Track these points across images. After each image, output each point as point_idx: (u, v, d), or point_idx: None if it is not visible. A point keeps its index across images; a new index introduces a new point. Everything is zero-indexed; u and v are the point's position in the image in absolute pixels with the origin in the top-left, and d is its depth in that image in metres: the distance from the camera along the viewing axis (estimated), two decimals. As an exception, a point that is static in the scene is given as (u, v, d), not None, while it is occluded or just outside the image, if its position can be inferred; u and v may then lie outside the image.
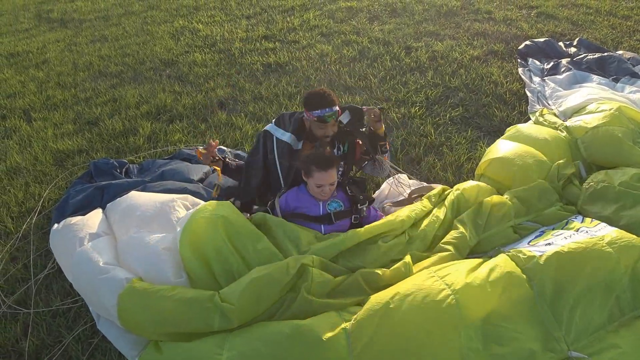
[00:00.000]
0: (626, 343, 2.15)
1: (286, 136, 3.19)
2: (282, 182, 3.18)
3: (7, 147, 4.90)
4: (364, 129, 3.27)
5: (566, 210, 3.07)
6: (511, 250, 2.51)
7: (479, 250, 2.84)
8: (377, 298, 2.27)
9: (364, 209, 3.01)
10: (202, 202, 3.16)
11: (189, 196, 3.20)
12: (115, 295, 2.42)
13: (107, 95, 5.81)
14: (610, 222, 2.80)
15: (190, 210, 2.79)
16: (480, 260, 2.51)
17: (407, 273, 2.51)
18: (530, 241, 2.69)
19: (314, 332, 2.16)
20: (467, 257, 2.73)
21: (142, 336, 2.45)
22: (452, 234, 2.82)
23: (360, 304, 2.36)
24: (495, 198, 3.04)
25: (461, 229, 2.83)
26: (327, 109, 3.00)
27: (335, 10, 7.98)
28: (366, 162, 3.40)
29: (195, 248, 2.59)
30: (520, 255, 2.42)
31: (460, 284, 2.21)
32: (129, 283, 2.46)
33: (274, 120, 3.31)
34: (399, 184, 3.55)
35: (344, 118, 3.17)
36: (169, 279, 2.53)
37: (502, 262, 2.38)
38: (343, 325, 2.20)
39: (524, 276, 2.30)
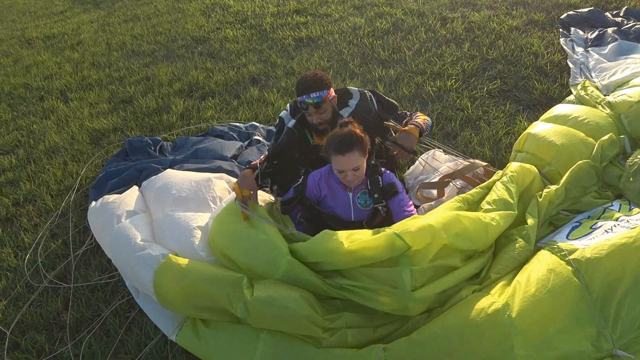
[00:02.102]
0: None
1: (291, 122, 3.05)
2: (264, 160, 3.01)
3: (45, 128, 5.00)
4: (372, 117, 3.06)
5: (602, 196, 2.92)
6: (553, 245, 2.39)
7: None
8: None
9: (381, 209, 2.71)
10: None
11: (224, 175, 3.20)
12: (151, 271, 2.45)
13: (141, 74, 5.86)
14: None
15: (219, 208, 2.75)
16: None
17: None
18: (568, 234, 2.56)
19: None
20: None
21: (176, 312, 2.48)
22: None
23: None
24: (553, 191, 2.80)
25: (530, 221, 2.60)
26: (304, 96, 2.81)
27: (367, -18, 7.77)
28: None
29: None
30: (563, 250, 2.31)
31: (512, 298, 2.10)
32: (164, 259, 2.48)
33: (289, 107, 3.15)
34: (433, 160, 3.45)
35: (353, 102, 3.01)
36: (201, 257, 2.55)
37: (545, 260, 2.27)
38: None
39: (570, 269, 2.18)
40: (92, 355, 2.63)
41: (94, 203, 3.33)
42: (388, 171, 2.79)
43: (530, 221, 2.52)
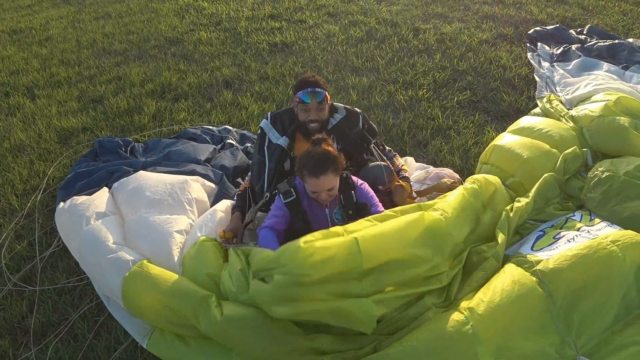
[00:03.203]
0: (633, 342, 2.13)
1: (281, 140, 3.02)
2: (265, 187, 2.99)
3: (10, 125, 4.87)
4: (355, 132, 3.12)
5: (564, 207, 3.04)
6: (519, 257, 2.48)
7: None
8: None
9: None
10: (212, 184, 3.14)
11: (199, 178, 3.18)
12: (120, 276, 2.43)
13: (112, 73, 5.76)
14: (614, 213, 2.79)
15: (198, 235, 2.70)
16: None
17: None
18: (533, 245, 2.65)
19: None
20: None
21: (145, 321, 2.47)
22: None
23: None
24: (523, 206, 2.86)
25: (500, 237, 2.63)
26: (309, 89, 2.88)
27: (342, -10, 7.86)
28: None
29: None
30: (528, 261, 2.39)
31: (476, 308, 2.13)
32: (135, 265, 2.46)
33: (270, 116, 3.12)
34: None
35: (337, 116, 3.06)
36: (174, 264, 2.54)
37: (511, 272, 2.33)
38: None
39: (534, 279, 2.25)
40: (59, 361, 2.58)
41: (62, 204, 3.26)
42: (360, 183, 2.75)
43: (500, 237, 2.56)
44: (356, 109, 3.19)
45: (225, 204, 3.00)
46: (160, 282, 2.39)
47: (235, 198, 3.11)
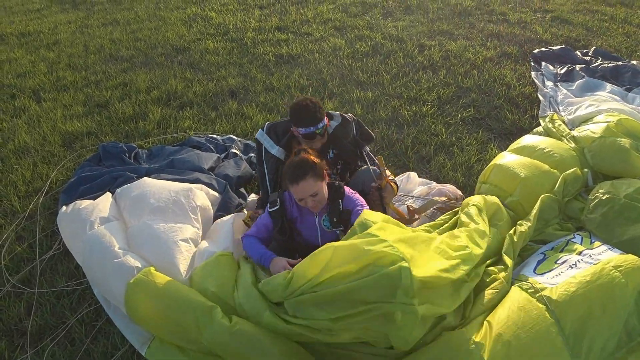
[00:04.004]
0: None
1: (275, 149, 3.12)
2: (270, 193, 3.09)
3: (15, 127, 4.89)
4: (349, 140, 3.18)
5: (564, 228, 3.06)
6: (522, 280, 2.50)
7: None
8: None
9: (338, 232, 2.74)
10: (216, 194, 3.15)
11: (204, 186, 3.19)
12: (124, 282, 2.42)
13: (118, 79, 5.80)
14: (614, 235, 2.80)
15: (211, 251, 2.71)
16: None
17: None
18: (535, 268, 2.66)
19: None
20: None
21: (146, 330, 2.46)
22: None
23: None
24: (527, 230, 2.87)
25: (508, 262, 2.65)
26: (311, 128, 2.91)
27: (349, 4, 7.94)
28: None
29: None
30: (533, 286, 2.41)
31: (482, 335, 2.14)
32: (140, 272, 2.45)
33: (265, 126, 3.20)
34: (408, 182, 3.54)
35: (333, 124, 3.10)
36: (178, 273, 2.53)
37: (516, 298, 2.34)
38: None
39: (541, 306, 2.26)
40: (55, 364, 2.56)
41: (64, 208, 3.27)
42: (351, 193, 2.77)
43: (508, 262, 2.58)
44: (350, 114, 3.22)
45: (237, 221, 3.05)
46: (165, 291, 2.38)
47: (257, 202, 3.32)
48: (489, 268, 2.58)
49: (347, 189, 2.79)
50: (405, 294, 2.00)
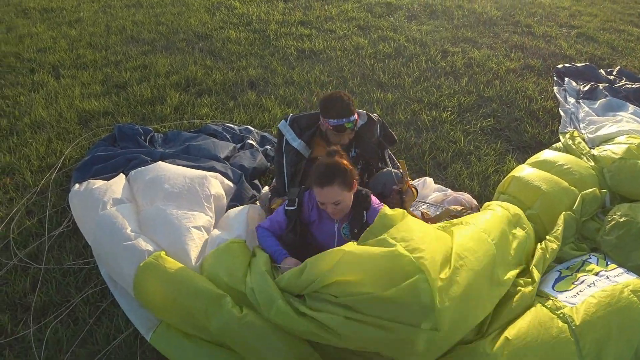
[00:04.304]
0: None
1: (296, 142, 3.05)
2: (286, 185, 3.05)
3: (33, 101, 4.88)
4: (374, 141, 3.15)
5: (579, 248, 3.01)
6: (542, 296, 2.47)
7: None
8: None
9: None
10: (230, 183, 3.12)
11: (219, 175, 3.16)
12: (134, 265, 2.40)
13: (138, 61, 5.78)
14: (630, 259, 2.77)
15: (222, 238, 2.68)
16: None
17: None
18: (554, 286, 2.61)
19: None
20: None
21: (153, 314, 2.43)
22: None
23: None
24: (556, 247, 2.83)
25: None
26: (344, 119, 2.85)
27: (374, 4, 7.88)
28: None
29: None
30: (553, 303, 2.38)
31: (498, 347, 2.10)
32: (151, 256, 2.43)
33: (289, 118, 3.12)
34: (424, 187, 3.49)
35: (359, 122, 3.05)
36: (189, 260, 2.51)
37: (537, 313, 2.30)
38: None
39: (562, 324, 2.23)
40: (57, 342, 2.54)
41: (77, 186, 3.25)
42: (377, 205, 2.61)
43: (537, 277, 2.52)
44: (376, 115, 3.17)
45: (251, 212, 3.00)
46: (175, 277, 2.35)
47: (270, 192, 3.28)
48: (517, 279, 2.51)
49: (374, 200, 2.64)
50: (432, 323, 1.95)
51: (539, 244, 2.80)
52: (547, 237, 2.86)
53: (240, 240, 2.63)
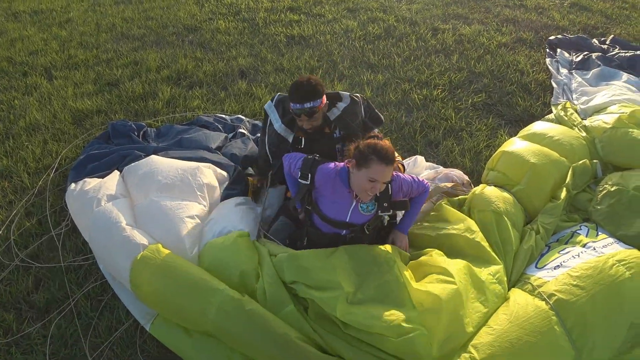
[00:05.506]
0: None
1: (277, 124, 3.04)
2: (270, 159, 3.10)
3: (27, 104, 4.91)
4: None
5: (570, 219, 3.05)
6: (522, 281, 2.54)
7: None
8: None
9: (385, 217, 2.71)
10: (224, 172, 3.18)
11: (212, 165, 3.19)
12: (130, 258, 2.45)
13: (129, 58, 5.79)
14: (621, 228, 2.79)
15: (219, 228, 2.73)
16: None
17: None
18: (537, 263, 2.65)
19: None
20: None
21: (148, 307, 2.49)
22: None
23: None
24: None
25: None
26: (298, 105, 2.80)
27: (363, -15, 7.82)
28: None
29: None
30: (532, 284, 2.43)
31: (484, 344, 2.18)
32: (147, 249, 2.47)
33: (275, 98, 3.13)
34: (415, 165, 3.52)
35: (341, 105, 3.00)
36: (185, 249, 2.55)
37: (515, 300, 2.38)
38: None
39: (541, 302, 2.29)
40: (61, 337, 2.61)
41: (73, 185, 3.29)
42: (398, 176, 2.66)
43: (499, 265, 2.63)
44: (359, 95, 3.14)
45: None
46: (171, 269, 2.40)
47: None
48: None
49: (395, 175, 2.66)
50: None
51: (527, 234, 2.86)
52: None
53: (245, 233, 2.68)
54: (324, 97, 2.88)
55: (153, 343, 2.51)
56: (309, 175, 2.60)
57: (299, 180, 2.63)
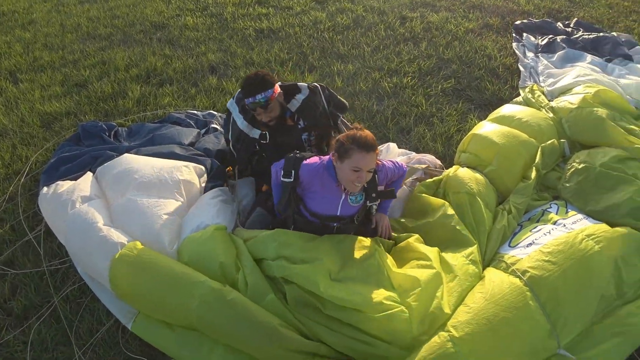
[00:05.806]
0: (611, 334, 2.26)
1: (240, 121, 3.06)
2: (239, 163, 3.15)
3: (-8, 108, 4.81)
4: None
5: (541, 198, 3.14)
6: (496, 260, 2.61)
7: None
8: None
9: (374, 207, 2.73)
10: (201, 166, 3.21)
11: (190, 164, 3.18)
12: (108, 258, 2.44)
13: (96, 58, 5.70)
14: (589, 203, 2.90)
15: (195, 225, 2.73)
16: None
17: None
18: (510, 242, 2.73)
19: None
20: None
21: (127, 304, 2.49)
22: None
23: None
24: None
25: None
26: (250, 98, 2.86)
27: (330, -23, 7.82)
28: None
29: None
30: (506, 262, 2.50)
31: (462, 322, 2.24)
32: (125, 247, 2.47)
33: (236, 96, 3.14)
34: (388, 153, 3.57)
35: (300, 97, 3.02)
36: (164, 246, 2.56)
37: (490, 278, 2.44)
38: None
39: (515, 279, 2.36)
40: (42, 342, 2.59)
41: (45, 189, 3.25)
42: (383, 165, 2.71)
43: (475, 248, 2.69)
44: (317, 84, 3.15)
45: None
46: (151, 266, 2.41)
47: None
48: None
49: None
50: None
51: (499, 214, 2.93)
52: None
53: (222, 226, 2.69)
54: (276, 86, 2.92)
55: (135, 342, 2.51)
56: (292, 172, 2.58)
57: (282, 179, 2.59)
